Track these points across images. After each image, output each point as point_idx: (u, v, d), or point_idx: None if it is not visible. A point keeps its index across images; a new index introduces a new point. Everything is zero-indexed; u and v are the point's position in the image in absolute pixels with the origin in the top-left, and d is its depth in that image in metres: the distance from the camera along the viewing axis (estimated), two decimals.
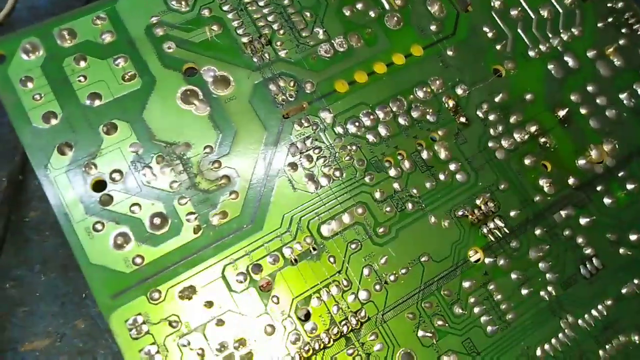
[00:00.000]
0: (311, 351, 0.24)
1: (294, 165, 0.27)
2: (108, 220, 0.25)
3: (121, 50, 0.27)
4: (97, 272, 0.24)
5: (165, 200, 0.25)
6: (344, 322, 0.25)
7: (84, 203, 0.25)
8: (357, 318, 0.25)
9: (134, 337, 0.23)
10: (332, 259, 0.26)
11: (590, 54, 0.32)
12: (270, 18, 0.29)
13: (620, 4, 0.34)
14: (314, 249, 0.26)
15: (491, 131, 0.29)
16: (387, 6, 0.31)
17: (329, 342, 0.25)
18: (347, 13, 0.30)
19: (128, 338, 0.24)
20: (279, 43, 0.29)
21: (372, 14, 0.30)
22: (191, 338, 0.24)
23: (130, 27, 0.28)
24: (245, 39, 0.29)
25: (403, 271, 0.26)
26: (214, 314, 0.24)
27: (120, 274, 0.24)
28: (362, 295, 0.26)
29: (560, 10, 0.33)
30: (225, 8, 0.29)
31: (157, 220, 0.25)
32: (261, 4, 0.29)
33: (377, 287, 0.26)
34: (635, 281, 0.28)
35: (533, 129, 0.30)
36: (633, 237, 0.29)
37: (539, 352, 0.26)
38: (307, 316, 0.25)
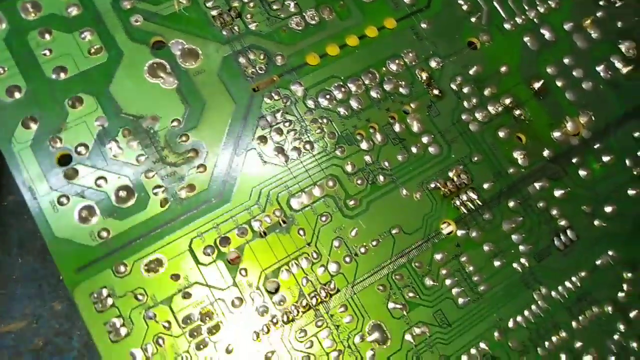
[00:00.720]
0: (279, 323, 0.24)
1: (263, 139, 0.27)
2: (73, 194, 0.25)
3: (87, 23, 0.27)
4: (62, 245, 0.24)
5: (131, 174, 0.25)
6: (313, 295, 0.25)
7: (48, 177, 0.25)
8: (326, 290, 0.25)
9: (99, 310, 0.23)
10: (301, 232, 0.26)
11: (567, 26, 0.32)
12: None
13: None
14: (284, 221, 0.26)
15: (465, 104, 0.29)
16: None
17: (298, 314, 0.25)
18: None
19: (93, 311, 0.23)
20: (249, 16, 0.28)
21: None
22: (157, 311, 0.24)
23: (97, 0, 0.27)
24: (214, 12, 0.28)
25: (374, 243, 0.26)
26: (181, 286, 0.24)
27: (85, 247, 0.24)
28: (332, 267, 0.25)
29: None
30: None
31: (123, 194, 0.25)
32: None
33: (347, 259, 0.26)
34: (610, 253, 0.28)
35: (507, 101, 0.29)
36: (608, 209, 0.29)
37: (511, 324, 0.26)
38: (277, 289, 0.25)
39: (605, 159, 0.30)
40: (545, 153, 0.29)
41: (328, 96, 0.28)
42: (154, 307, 0.24)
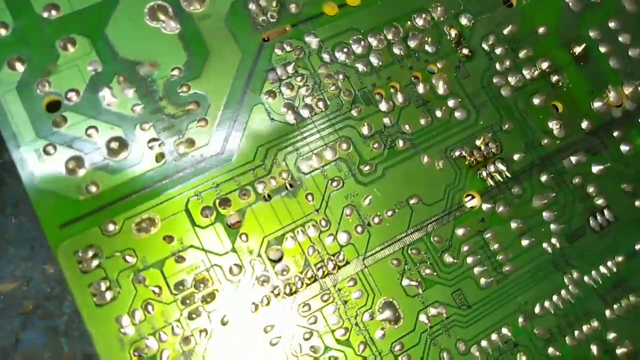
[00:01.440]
0: (281, 295, 0.22)
1: (272, 93, 0.24)
2: (61, 143, 0.22)
3: None
4: (46, 198, 0.22)
5: (125, 125, 0.23)
6: (319, 266, 0.23)
7: (34, 123, 0.22)
8: (334, 262, 0.23)
9: (83, 270, 0.21)
10: (309, 197, 0.23)
11: None
12: None
13: None
14: (290, 185, 0.23)
15: (497, 66, 0.26)
16: None
17: (302, 286, 0.22)
18: None
19: (77, 271, 0.21)
20: None
21: None
22: (147, 274, 0.22)
23: None
24: None
25: (389, 213, 0.24)
26: (174, 249, 0.22)
27: (71, 201, 0.22)
28: (342, 237, 0.23)
29: None
30: None
31: (115, 145, 0.22)
32: None
33: (359, 229, 0.23)
34: None
35: (544, 65, 0.27)
36: None
37: (537, 309, 0.24)
38: (280, 258, 0.23)
39: None
40: (584, 125, 0.26)
41: (346, 50, 0.25)
42: (144, 271, 0.21)
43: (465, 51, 0.26)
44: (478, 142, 0.25)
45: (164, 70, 0.24)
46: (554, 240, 0.25)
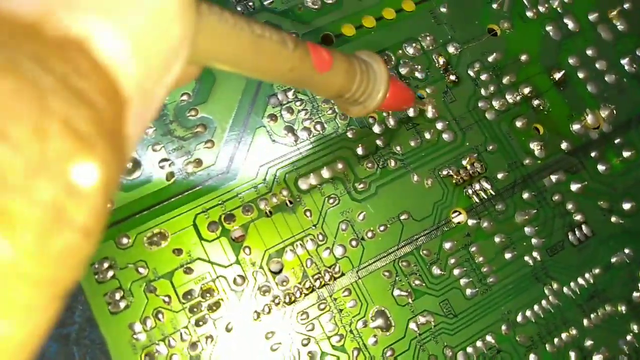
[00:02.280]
0: (281, 304, 0.24)
1: (273, 117, 0.26)
2: None
3: None
4: None
5: (139, 146, 0.25)
6: (317, 277, 0.24)
7: None
8: (330, 273, 0.25)
9: (99, 281, 0.23)
10: (308, 213, 0.25)
11: (591, 16, 0.31)
12: None
13: None
14: (290, 202, 0.25)
15: (482, 91, 0.28)
16: None
17: (300, 296, 0.24)
18: None
19: (93, 281, 0.23)
20: None
21: None
22: (158, 285, 0.23)
23: None
24: None
25: (381, 228, 0.25)
26: (183, 261, 0.24)
27: None
28: (338, 250, 0.25)
29: None
30: None
31: (129, 166, 0.24)
32: None
33: (354, 243, 0.25)
34: (626, 250, 0.27)
35: (527, 90, 0.29)
36: (626, 206, 0.28)
37: (519, 318, 0.25)
38: (280, 270, 0.24)
39: (626, 154, 0.29)
40: (563, 145, 0.28)
41: None
42: (155, 281, 0.23)
43: (452, 77, 0.28)
44: (464, 162, 0.27)
45: (174, 95, 0.26)
46: (535, 254, 0.26)
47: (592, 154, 0.28)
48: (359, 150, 0.26)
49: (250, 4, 0.28)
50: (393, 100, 0.23)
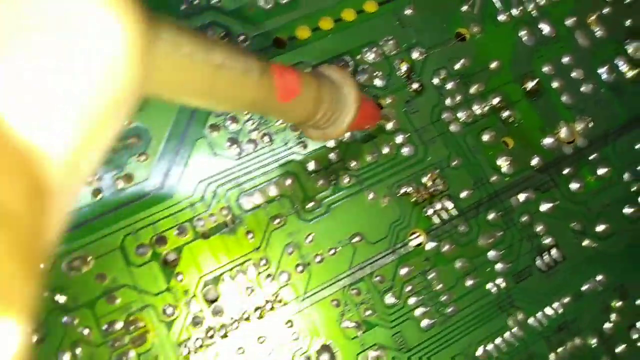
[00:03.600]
0: (215, 337, 0.22)
1: (216, 127, 0.24)
2: None
3: None
4: None
5: None
6: (256, 307, 0.22)
7: None
8: (272, 302, 0.22)
9: None
10: (250, 235, 0.23)
11: (568, 21, 0.28)
12: None
13: None
14: (231, 222, 0.23)
15: (447, 101, 0.26)
16: None
17: (238, 327, 0.22)
18: None
19: None
20: None
21: None
22: (77, 315, 0.21)
23: None
24: None
25: (331, 252, 0.23)
26: (107, 288, 0.21)
27: None
28: (281, 277, 0.23)
29: None
30: None
31: None
32: None
33: (300, 268, 0.23)
34: (599, 277, 0.25)
35: (496, 100, 0.26)
36: (600, 228, 0.26)
37: (479, 352, 0.23)
38: (216, 298, 0.22)
39: (601, 171, 0.27)
40: (534, 161, 0.26)
41: None
42: (74, 311, 0.21)
43: (415, 86, 0.26)
44: (425, 179, 0.25)
45: None
46: (499, 281, 0.24)
47: (565, 171, 0.26)
48: (310, 165, 0.24)
49: (196, 2, 0.25)
50: (357, 124, 0.21)
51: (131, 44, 0.10)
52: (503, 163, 0.26)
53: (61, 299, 0.21)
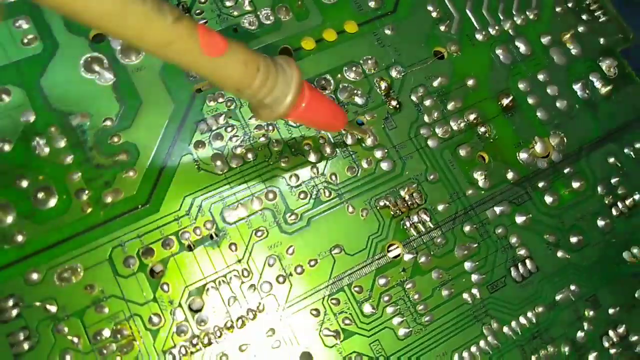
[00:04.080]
0: (199, 345, 0.22)
1: (201, 144, 0.25)
2: None
3: (23, 11, 0.25)
4: None
5: (54, 174, 0.23)
6: (239, 316, 0.23)
7: None
8: (254, 312, 0.23)
9: (2, 320, 0.21)
10: (233, 247, 0.24)
11: (544, 39, 0.30)
12: None
13: None
14: (215, 234, 0.24)
15: (425, 117, 0.27)
16: None
17: (221, 336, 0.23)
18: None
19: None
20: (198, 12, 0.27)
21: None
22: (67, 324, 0.22)
23: None
24: None
25: (311, 263, 0.24)
26: (95, 298, 0.22)
27: None
28: (263, 287, 0.24)
29: None
30: None
31: (41, 195, 0.23)
32: None
33: (281, 279, 0.24)
34: (572, 287, 0.26)
35: (472, 117, 0.27)
36: (574, 240, 0.27)
37: None
38: (200, 308, 0.23)
39: (575, 185, 0.27)
40: (509, 175, 0.27)
41: None
42: (64, 320, 0.22)
43: (394, 103, 0.27)
44: (403, 193, 0.26)
45: (96, 120, 0.24)
46: (474, 291, 0.25)
47: (540, 185, 0.27)
48: (292, 180, 0.25)
49: None
50: (314, 113, 0.22)
51: None
52: (479, 177, 0.27)
53: (52, 308, 0.22)
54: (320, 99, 0.22)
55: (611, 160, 0.28)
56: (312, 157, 0.26)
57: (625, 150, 0.29)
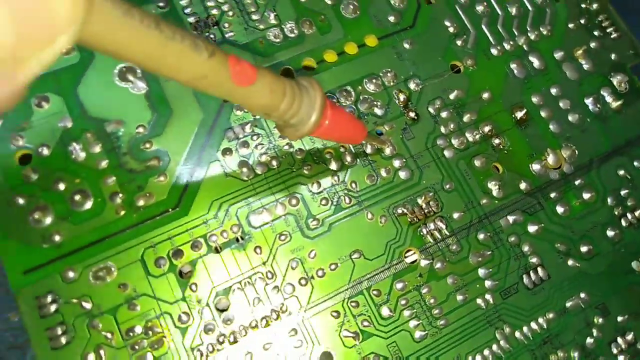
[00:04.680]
0: (225, 342, 0.24)
1: (228, 151, 0.26)
2: (29, 194, 0.24)
3: None
4: (12, 246, 0.24)
5: (89, 178, 0.25)
6: (263, 316, 0.24)
7: (6, 175, 0.24)
8: (277, 312, 0.24)
9: (42, 315, 0.23)
10: (258, 250, 0.25)
11: (557, 55, 0.31)
12: None
13: (595, 5, 0.32)
14: (241, 238, 0.25)
15: (442, 129, 0.28)
16: None
17: (246, 335, 0.24)
18: None
19: (36, 316, 0.23)
20: (226, 25, 0.28)
21: (328, 0, 0.29)
22: (101, 320, 0.23)
23: None
24: (192, 19, 0.28)
25: (332, 267, 0.25)
26: (128, 297, 0.24)
27: (35, 249, 0.24)
28: (286, 289, 0.25)
29: (530, 9, 0.31)
30: None
31: (78, 198, 0.24)
32: None
33: (303, 281, 0.25)
34: (582, 295, 0.27)
35: (487, 129, 0.28)
36: (584, 249, 0.28)
37: None
38: (227, 307, 0.24)
39: (586, 196, 0.28)
40: (522, 186, 0.28)
41: None
42: (99, 317, 0.23)
43: (412, 114, 0.28)
44: (420, 201, 0.27)
45: (129, 127, 0.26)
46: (488, 296, 0.26)
47: (552, 195, 0.28)
48: (314, 187, 0.26)
49: (212, 36, 0.28)
50: (336, 130, 0.23)
51: None
52: (493, 187, 0.28)
53: (87, 305, 0.23)
54: (342, 116, 0.24)
55: (621, 172, 0.29)
56: (334, 166, 0.27)
57: (635, 163, 0.30)
